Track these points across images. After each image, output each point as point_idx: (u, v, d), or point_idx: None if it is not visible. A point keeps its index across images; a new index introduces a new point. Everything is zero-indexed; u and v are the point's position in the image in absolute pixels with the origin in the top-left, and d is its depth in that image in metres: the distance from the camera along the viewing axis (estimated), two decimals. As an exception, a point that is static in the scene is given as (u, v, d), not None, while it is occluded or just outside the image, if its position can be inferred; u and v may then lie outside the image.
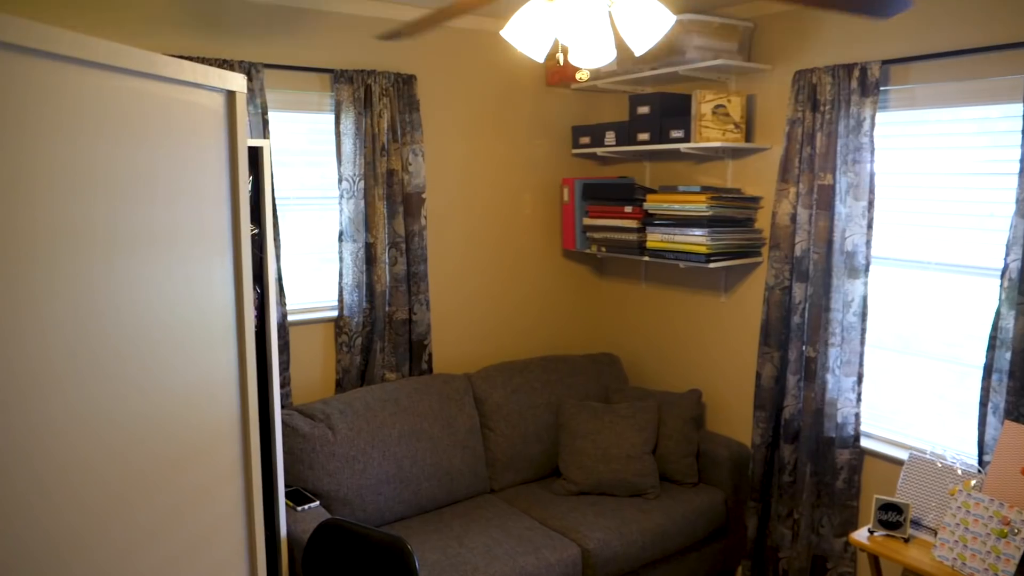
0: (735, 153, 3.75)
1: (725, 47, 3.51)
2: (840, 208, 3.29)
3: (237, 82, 1.86)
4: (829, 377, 3.36)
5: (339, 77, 3.52)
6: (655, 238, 3.74)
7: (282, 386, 3.52)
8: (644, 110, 3.78)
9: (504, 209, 4.14)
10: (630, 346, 4.45)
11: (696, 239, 3.54)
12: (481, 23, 3.88)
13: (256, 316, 2.86)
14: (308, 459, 3.23)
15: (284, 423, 3.25)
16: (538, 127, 4.20)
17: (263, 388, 2.93)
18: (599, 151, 4.01)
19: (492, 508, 3.54)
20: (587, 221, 4.10)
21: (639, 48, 1.94)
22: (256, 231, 2.83)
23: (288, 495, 3.13)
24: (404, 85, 3.69)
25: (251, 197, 2.82)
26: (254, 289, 2.83)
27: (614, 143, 3.94)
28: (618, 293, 4.47)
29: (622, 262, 4.37)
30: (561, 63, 2.03)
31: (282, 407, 3.49)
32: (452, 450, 3.59)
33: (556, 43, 3.32)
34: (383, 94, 3.61)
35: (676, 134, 3.63)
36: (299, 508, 3.05)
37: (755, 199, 3.65)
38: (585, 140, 4.12)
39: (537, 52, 2.01)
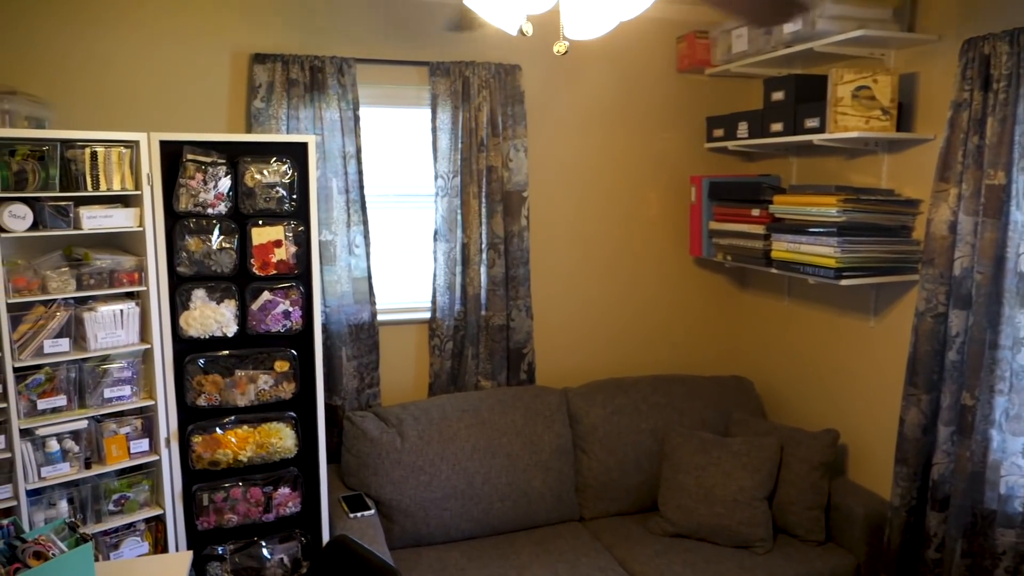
0: (890, 146, 3.06)
1: (873, 15, 2.86)
2: (1016, 216, 2.53)
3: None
4: (993, 433, 2.61)
5: (435, 69, 3.37)
6: (780, 247, 3.16)
7: (370, 386, 3.46)
8: (778, 96, 3.21)
9: (623, 209, 3.75)
10: (766, 371, 3.84)
11: (824, 249, 2.92)
12: (599, 5, 3.53)
13: (300, 315, 2.80)
14: (373, 465, 3.13)
15: (355, 424, 3.17)
16: (666, 118, 3.75)
17: (309, 383, 2.87)
18: (730, 144, 3.48)
19: (572, 539, 3.21)
20: (713, 225, 3.59)
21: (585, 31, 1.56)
22: (302, 228, 2.77)
23: (349, 499, 3.05)
24: (506, 76, 3.45)
25: (297, 192, 2.76)
26: (297, 288, 2.77)
27: (746, 135, 3.40)
28: (759, 309, 3.87)
29: (766, 274, 3.78)
30: (526, 34, 1.69)
31: (367, 407, 3.43)
32: (533, 470, 3.31)
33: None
34: (482, 86, 3.40)
35: (811, 123, 3.03)
36: (352, 515, 2.95)
37: (910, 203, 2.94)
38: (718, 132, 3.60)
39: (508, 23, 1.69)
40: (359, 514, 2.97)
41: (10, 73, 2.93)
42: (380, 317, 3.49)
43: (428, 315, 3.55)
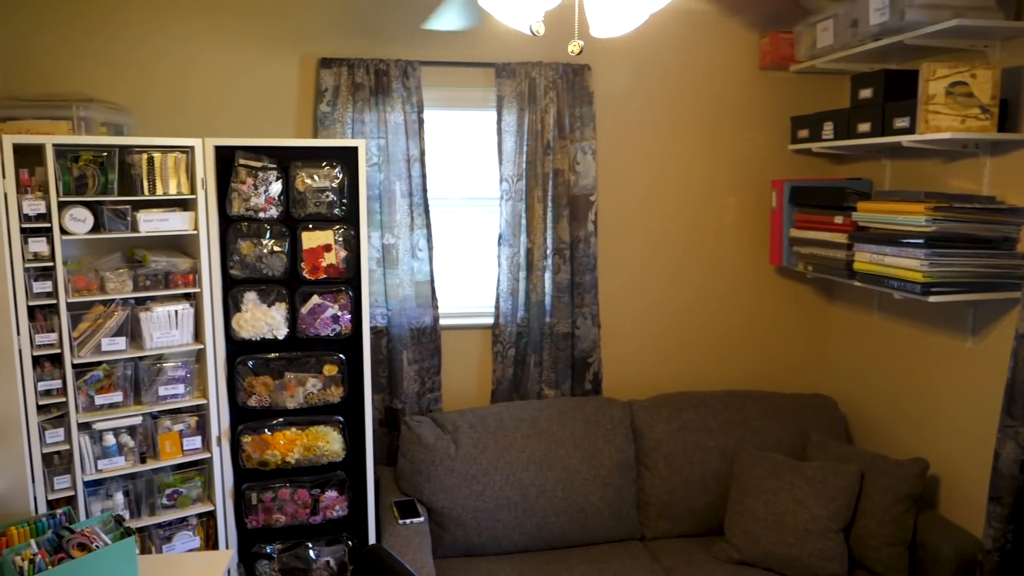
0: (993, 148, 2.74)
1: (971, 2, 2.57)
2: None
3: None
4: (1103, 475, 2.29)
5: (501, 71, 3.31)
6: (863, 257, 2.90)
7: (431, 390, 3.43)
8: (866, 94, 2.95)
9: (698, 215, 3.56)
10: (851, 390, 3.55)
11: (909, 262, 2.66)
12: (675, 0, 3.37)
13: (349, 319, 2.79)
14: (427, 471, 3.10)
15: (411, 429, 3.15)
16: (747, 118, 3.53)
17: (358, 387, 2.87)
18: (814, 147, 3.24)
19: (629, 559, 3.07)
20: (794, 232, 3.35)
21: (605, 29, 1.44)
22: (352, 232, 2.76)
23: (401, 505, 3.03)
24: (575, 76, 3.34)
25: (347, 196, 2.76)
26: (346, 293, 2.77)
27: (831, 136, 3.15)
28: (846, 323, 3.59)
29: (854, 286, 3.49)
30: (537, 33, 1.58)
31: (428, 412, 3.41)
32: (590, 485, 3.19)
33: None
34: (549, 87, 3.31)
35: (901, 123, 2.76)
36: (401, 521, 2.93)
37: (1014, 211, 2.63)
38: (803, 133, 3.35)
39: (519, 20, 1.59)
40: (408, 521, 2.94)
41: (94, 81, 3.09)
42: (442, 321, 3.46)
43: (491, 320, 3.49)
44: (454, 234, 3.52)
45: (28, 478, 2.40)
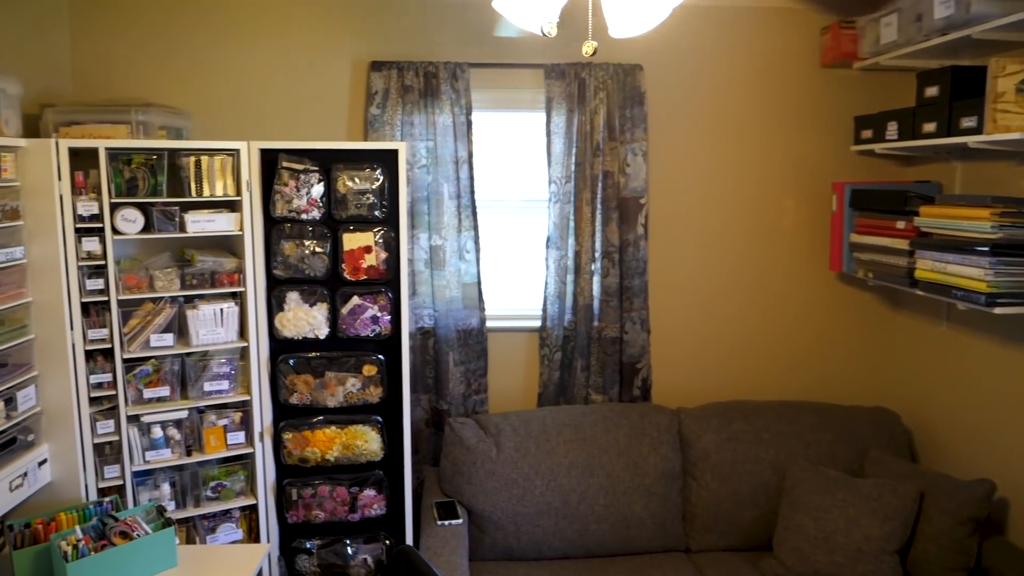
0: (1071, 149, 2.55)
1: (1046, -7, 2.39)
2: None
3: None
4: None
5: (550, 72, 3.28)
6: (925, 265, 2.74)
7: (476, 392, 3.43)
8: (932, 92, 2.79)
9: (754, 218, 3.44)
10: (916, 405, 3.36)
11: (973, 271, 2.49)
12: (731, -3, 3.27)
13: (389, 320, 2.82)
14: (468, 473, 3.10)
15: (454, 430, 3.15)
16: (808, 118, 3.39)
17: (397, 388, 2.89)
18: (877, 148, 3.08)
19: (673, 571, 2.99)
20: (854, 237, 3.19)
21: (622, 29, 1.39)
22: (392, 234, 2.78)
23: (441, 506, 3.04)
24: (626, 76, 3.28)
25: (387, 198, 2.78)
26: (386, 294, 2.79)
27: (895, 136, 2.99)
28: (912, 334, 3.40)
29: (921, 295, 3.31)
30: (549, 34, 1.54)
31: (473, 413, 3.42)
32: (634, 494, 3.12)
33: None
34: (599, 87, 3.26)
35: (968, 123, 2.59)
36: (439, 522, 2.94)
37: (1091, 217, 2.44)
38: (867, 134, 3.19)
39: (531, 22, 1.56)
40: (446, 522, 2.95)
41: (157, 87, 3.22)
42: (489, 323, 3.45)
43: (538, 323, 3.46)
44: (502, 236, 3.51)
45: (80, 467, 2.51)
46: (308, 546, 2.86)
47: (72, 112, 2.77)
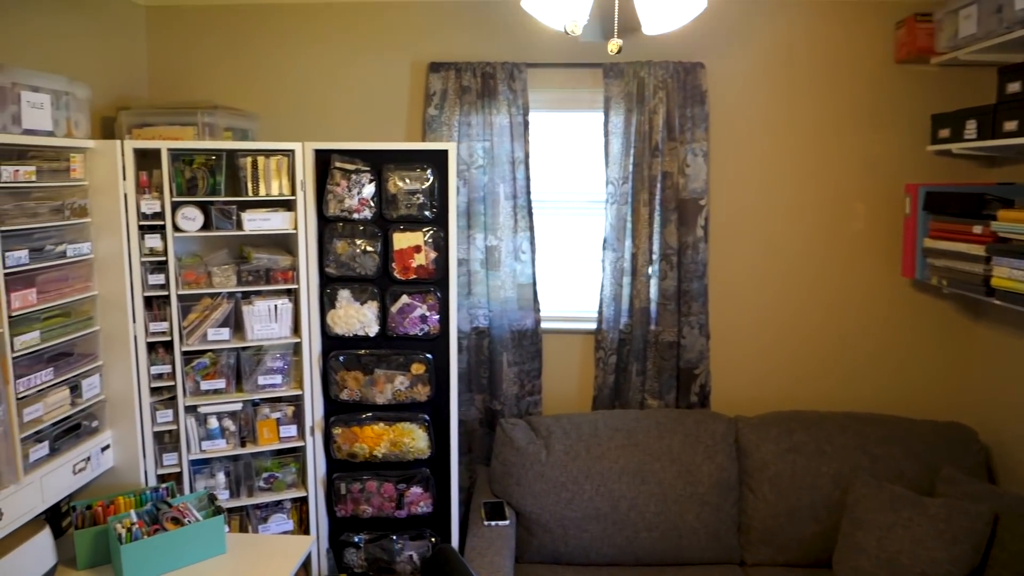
0: None
1: None
2: None
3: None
4: None
5: (609, 71, 3.23)
6: (1002, 272, 2.57)
7: (530, 394, 3.42)
8: (1014, 87, 2.60)
9: (821, 221, 3.30)
10: (996, 421, 3.14)
11: (1051, 280, 2.32)
12: (799, -9, 3.15)
13: (437, 320, 2.83)
14: (517, 474, 3.09)
15: (505, 431, 3.15)
16: (881, 116, 3.22)
17: (445, 387, 2.90)
18: (954, 147, 2.90)
19: (725, 585, 2.91)
20: (928, 242, 3.02)
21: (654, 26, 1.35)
22: (441, 234, 2.80)
23: (490, 506, 3.04)
24: (686, 75, 3.20)
25: (437, 199, 2.80)
26: (435, 294, 2.81)
27: (974, 135, 2.81)
28: (993, 345, 3.18)
29: (1006, 304, 3.10)
30: (572, 32, 1.51)
31: (526, 414, 3.40)
32: (686, 503, 3.04)
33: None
34: (659, 87, 3.19)
35: (1051, 120, 2.42)
36: (486, 522, 2.94)
37: None
38: (944, 133, 3.01)
39: (554, 19, 1.54)
40: (493, 523, 2.95)
41: (225, 89, 3.35)
42: (544, 325, 3.43)
43: (594, 326, 3.42)
44: (558, 237, 3.49)
45: (140, 453, 2.63)
46: (356, 540, 2.91)
47: (144, 114, 2.90)
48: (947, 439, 3.08)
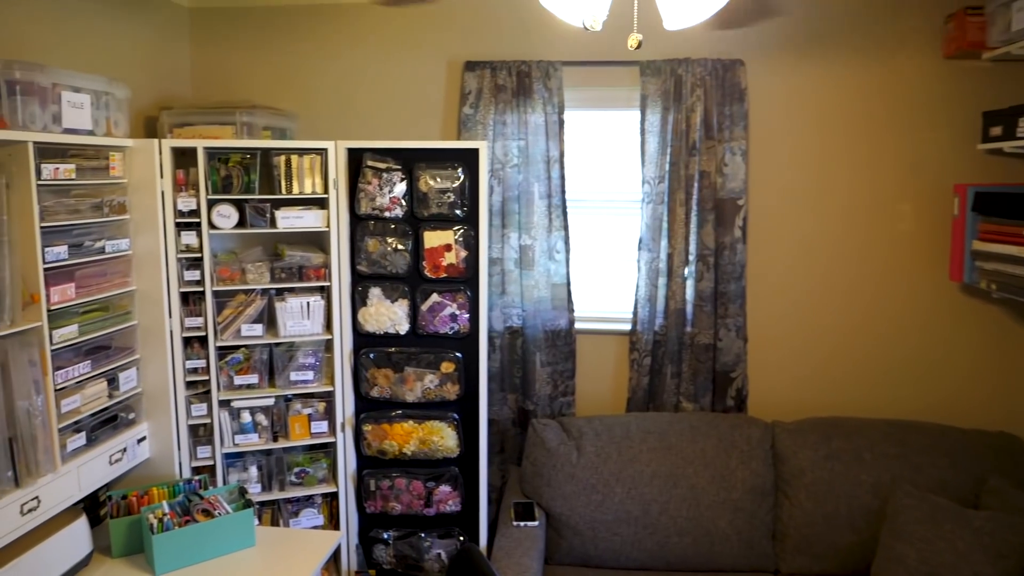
0: None
1: None
2: None
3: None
4: None
5: (646, 69, 3.19)
6: (1053, 277, 2.46)
7: (564, 394, 3.40)
8: (1069, 83, 2.50)
9: (864, 222, 3.21)
10: (1051, 432, 3.02)
11: (1106, 285, 2.21)
12: (844, -15, 3.06)
13: (467, 319, 2.83)
14: (547, 475, 3.07)
15: (536, 432, 3.13)
16: (928, 114, 3.11)
17: (474, 386, 2.90)
18: (1006, 146, 2.78)
19: (758, 593, 2.85)
20: (977, 245, 2.90)
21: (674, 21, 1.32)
22: (472, 233, 2.79)
23: (520, 507, 3.02)
24: (725, 72, 3.14)
25: (467, 197, 2.80)
26: (465, 292, 2.81)
27: (1026, 134, 2.69)
28: (1047, 352, 3.06)
29: (1061, 308, 2.97)
30: (591, 28, 1.48)
31: (559, 415, 3.38)
32: (719, 508, 2.98)
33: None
34: (696, 84, 3.14)
35: (1108, 118, 2.31)
36: (515, 523, 2.93)
37: None
38: (996, 131, 2.90)
39: (574, 15, 1.52)
40: (522, 523, 2.93)
41: (266, 89, 3.41)
42: (578, 325, 3.40)
43: (629, 327, 3.38)
44: (592, 237, 3.46)
45: (175, 446, 2.68)
46: (385, 536, 2.93)
47: (184, 114, 2.96)
48: (994, 449, 2.96)
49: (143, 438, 2.63)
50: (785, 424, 3.13)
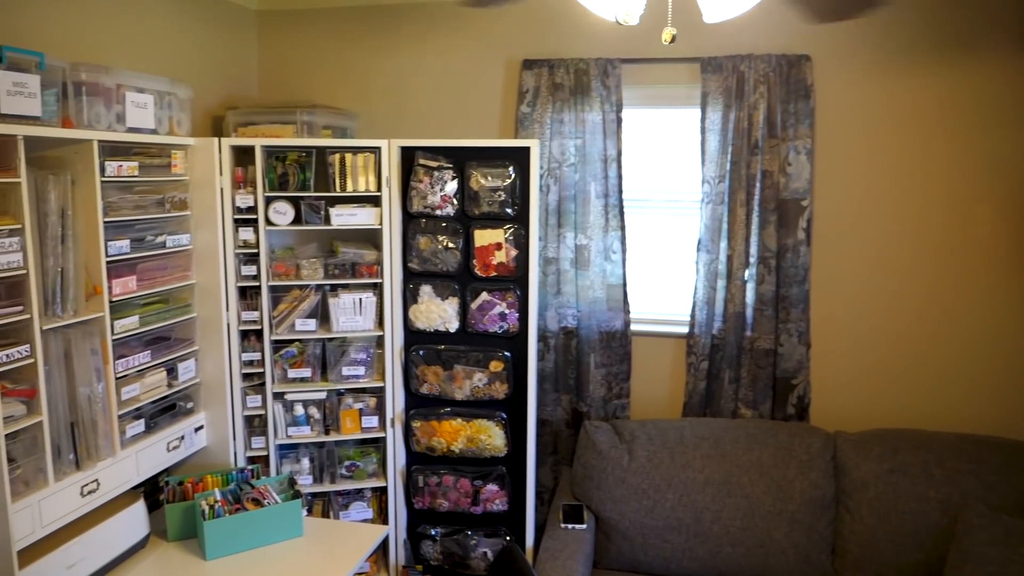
0: None
1: None
2: None
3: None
4: None
5: (707, 65, 3.11)
6: None
7: (618, 396, 3.35)
8: None
9: (938, 225, 3.04)
10: None
11: None
12: (919, -25, 2.91)
13: (517, 318, 2.81)
14: (597, 478, 3.03)
15: (588, 434, 3.09)
16: (1011, 110, 2.92)
17: (523, 386, 2.88)
18: (1095, 144, 2.60)
19: (814, 610, 2.74)
20: (1061, 250, 2.72)
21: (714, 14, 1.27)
22: (522, 231, 2.78)
23: (569, 509, 2.99)
24: (790, 68, 3.03)
25: (518, 196, 2.78)
26: (514, 291, 2.80)
27: (1119, 131, 2.50)
28: None
29: None
30: (625, 22, 1.43)
31: (613, 418, 3.33)
32: (775, 519, 2.88)
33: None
34: (759, 81, 3.04)
35: None
36: (563, 525, 2.90)
37: None
38: (1085, 128, 2.71)
39: (607, 9, 1.48)
40: (570, 526, 2.90)
41: (329, 89, 3.48)
42: (634, 327, 3.34)
43: (686, 330, 3.30)
44: (650, 237, 3.39)
45: (230, 435, 2.77)
46: (432, 533, 2.95)
47: (248, 114, 3.05)
48: (1078, 470, 2.77)
49: (200, 427, 2.73)
50: (849, 435, 3.00)
